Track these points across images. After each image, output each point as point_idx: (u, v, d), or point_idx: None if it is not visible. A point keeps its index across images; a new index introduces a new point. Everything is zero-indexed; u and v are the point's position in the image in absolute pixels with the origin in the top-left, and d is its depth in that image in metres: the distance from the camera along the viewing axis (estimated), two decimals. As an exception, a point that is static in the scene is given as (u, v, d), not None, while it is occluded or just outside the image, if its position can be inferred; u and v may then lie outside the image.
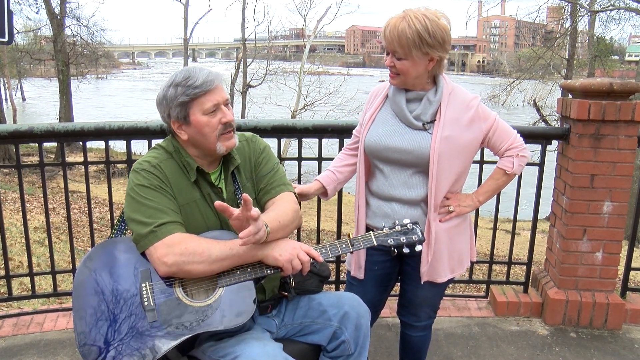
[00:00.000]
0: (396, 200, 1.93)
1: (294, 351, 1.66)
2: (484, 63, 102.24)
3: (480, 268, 6.52)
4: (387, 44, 1.80)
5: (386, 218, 1.93)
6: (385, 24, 1.80)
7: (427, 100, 1.86)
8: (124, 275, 1.57)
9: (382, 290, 2.11)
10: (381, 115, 1.95)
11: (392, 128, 1.90)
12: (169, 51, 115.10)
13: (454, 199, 1.93)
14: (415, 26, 1.72)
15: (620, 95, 2.72)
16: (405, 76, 1.82)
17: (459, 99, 1.87)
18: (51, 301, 3.73)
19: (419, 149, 1.84)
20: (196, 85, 1.58)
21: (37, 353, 2.61)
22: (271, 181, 1.77)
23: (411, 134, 1.87)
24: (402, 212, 1.92)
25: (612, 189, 2.80)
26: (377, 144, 1.90)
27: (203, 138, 1.63)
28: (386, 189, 1.93)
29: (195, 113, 1.61)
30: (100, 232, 7.86)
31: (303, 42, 24.65)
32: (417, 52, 1.76)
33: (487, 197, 2.03)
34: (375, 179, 1.97)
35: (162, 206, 1.58)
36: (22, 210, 2.79)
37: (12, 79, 27.55)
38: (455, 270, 2.02)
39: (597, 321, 2.93)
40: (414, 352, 2.22)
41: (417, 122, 1.86)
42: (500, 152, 1.95)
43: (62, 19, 18.51)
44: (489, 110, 1.91)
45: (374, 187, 1.98)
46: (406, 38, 1.73)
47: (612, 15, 14.82)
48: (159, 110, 1.67)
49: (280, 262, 1.56)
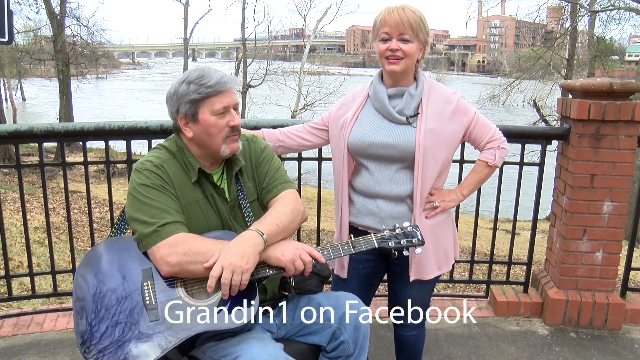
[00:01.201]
0: (382, 197, 1.94)
1: (294, 351, 1.66)
2: (484, 63, 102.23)
3: (480, 268, 6.52)
4: (393, 27, 1.83)
5: (371, 215, 1.96)
6: (385, 12, 1.85)
7: (409, 95, 1.90)
8: (125, 274, 1.57)
9: (366, 290, 2.12)
10: (363, 114, 1.98)
11: (376, 125, 1.92)
12: (169, 51, 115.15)
13: (438, 195, 1.97)
14: (417, 12, 1.83)
15: (620, 95, 2.72)
16: (410, 59, 1.86)
17: (439, 93, 1.93)
18: (51, 301, 3.73)
19: (404, 143, 1.87)
20: (209, 84, 1.59)
21: (37, 353, 2.61)
22: (272, 180, 1.78)
23: (396, 129, 1.90)
24: (388, 209, 1.94)
25: (612, 189, 2.81)
26: (362, 141, 1.92)
27: (209, 138, 1.64)
28: (371, 185, 1.95)
29: (205, 112, 1.62)
30: (100, 232, 7.86)
31: (303, 42, 24.66)
32: (422, 35, 1.85)
33: (470, 190, 2.06)
34: (360, 176, 1.99)
35: (165, 206, 1.59)
36: (22, 210, 2.80)
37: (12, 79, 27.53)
38: (442, 267, 2.04)
39: (597, 321, 2.94)
40: (409, 352, 2.22)
41: (400, 117, 1.89)
42: (482, 145, 2.00)
43: (62, 19, 18.52)
44: (468, 104, 1.96)
45: (358, 184, 1.99)
46: (415, 21, 1.81)
47: (612, 15, 14.82)
48: (167, 106, 1.68)
49: (283, 263, 1.57)
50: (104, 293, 1.55)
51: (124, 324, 1.51)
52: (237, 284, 1.49)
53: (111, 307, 1.53)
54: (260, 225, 1.59)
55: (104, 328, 1.51)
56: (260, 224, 1.60)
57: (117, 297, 1.54)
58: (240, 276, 1.49)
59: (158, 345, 1.49)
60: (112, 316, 1.52)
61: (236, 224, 1.73)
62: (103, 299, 1.54)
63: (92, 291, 1.55)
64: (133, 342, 1.50)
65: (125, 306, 1.53)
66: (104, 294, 1.55)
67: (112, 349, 1.49)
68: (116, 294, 1.55)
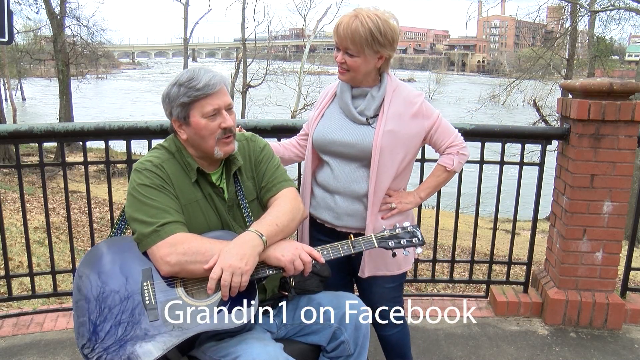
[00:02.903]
0: (340, 194, 1.98)
1: (294, 351, 1.66)
2: (484, 63, 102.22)
3: (480, 268, 6.52)
4: (339, 40, 1.85)
5: (328, 210, 2.00)
6: (338, 22, 1.86)
7: (371, 96, 1.93)
8: (125, 274, 1.58)
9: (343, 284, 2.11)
10: (329, 111, 2.03)
11: (339, 123, 1.97)
12: (169, 51, 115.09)
13: (395, 196, 1.99)
14: (367, 25, 1.79)
15: (620, 95, 2.72)
16: (355, 72, 1.88)
17: (402, 94, 1.94)
18: (51, 301, 3.73)
19: (362, 142, 1.91)
20: (198, 87, 1.58)
21: (37, 353, 2.61)
22: (272, 179, 1.78)
23: (355, 129, 1.93)
24: (344, 206, 1.97)
25: (612, 189, 2.81)
26: (324, 138, 1.97)
27: (201, 140, 1.64)
28: (331, 181, 1.98)
29: (195, 115, 1.62)
30: (100, 232, 7.86)
31: (303, 42, 24.66)
32: (369, 50, 1.83)
33: (428, 193, 2.08)
34: (322, 171, 2.03)
35: (164, 206, 1.59)
36: (22, 210, 2.80)
37: (12, 79, 27.53)
38: (401, 266, 2.05)
39: (597, 321, 2.94)
40: (395, 350, 2.22)
41: (360, 117, 1.93)
42: (441, 150, 2.02)
43: (62, 19, 18.51)
44: (432, 108, 1.98)
45: (320, 178, 2.04)
46: (359, 36, 1.80)
47: (612, 15, 14.83)
48: (163, 108, 1.69)
49: (283, 263, 1.57)
50: (106, 293, 1.55)
51: (127, 324, 1.51)
52: (237, 285, 1.49)
53: (114, 307, 1.53)
54: (259, 225, 1.59)
55: (107, 327, 1.51)
56: (259, 224, 1.60)
57: (119, 297, 1.54)
58: (240, 278, 1.49)
59: (159, 344, 1.49)
60: (115, 316, 1.52)
61: (235, 224, 1.73)
62: (106, 299, 1.54)
63: (94, 291, 1.55)
64: (135, 341, 1.50)
65: (127, 306, 1.53)
66: (106, 294, 1.55)
67: (115, 347, 1.50)
68: (119, 294, 1.55)
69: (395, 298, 2.14)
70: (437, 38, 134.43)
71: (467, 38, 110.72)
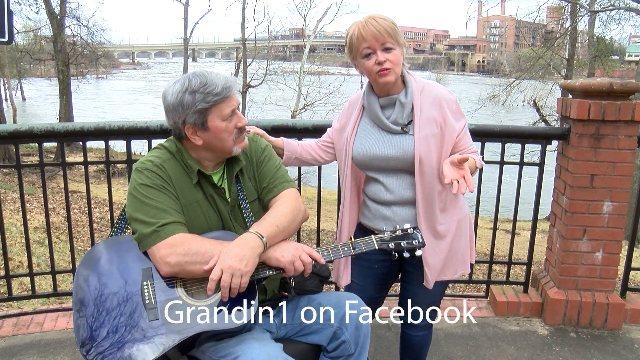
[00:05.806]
0: (395, 204, 1.95)
1: (294, 351, 1.66)
2: (484, 63, 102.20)
3: (480, 268, 6.52)
4: (372, 40, 1.79)
5: (386, 220, 1.95)
6: (359, 26, 1.81)
7: (399, 103, 1.88)
8: (125, 273, 1.58)
9: (381, 288, 2.13)
10: (362, 126, 1.98)
11: (375, 137, 1.93)
12: (169, 51, 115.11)
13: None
14: (389, 19, 1.82)
15: (620, 95, 2.72)
16: (398, 67, 1.84)
17: (432, 95, 1.90)
18: (51, 301, 3.74)
19: (403, 154, 1.87)
20: (216, 92, 1.59)
21: (37, 353, 2.62)
22: (273, 179, 1.78)
23: (393, 140, 1.90)
24: (402, 214, 1.94)
25: (612, 189, 2.81)
26: (364, 156, 1.93)
27: (220, 143, 1.65)
28: (384, 194, 1.95)
29: (214, 119, 1.62)
30: (100, 232, 7.87)
31: (303, 42, 24.64)
32: (401, 39, 1.83)
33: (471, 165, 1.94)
34: (371, 185, 2.00)
35: (165, 206, 1.59)
36: (22, 210, 2.80)
37: (12, 79, 27.51)
38: (457, 270, 2.04)
39: (597, 321, 2.94)
40: (414, 352, 2.22)
41: (395, 127, 1.89)
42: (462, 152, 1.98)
43: (62, 19, 18.51)
44: (462, 112, 1.96)
45: (370, 193, 2.00)
46: (389, 27, 1.80)
47: (612, 15, 14.83)
48: (169, 117, 1.64)
49: (283, 264, 1.57)
50: (105, 295, 1.55)
51: (125, 326, 1.51)
52: (237, 286, 1.49)
53: (112, 310, 1.53)
54: (259, 227, 1.59)
55: (104, 331, 1.51)
56: (259, 225, 1.60)
57: (118, 299, 1.54)
58: (240, 279, 1.49)
59: (158, 345, 1.49)
60: (113, 319, 1.52)
61: (236, 224, 1.73)
62: (104, 302, 1.54)
63: (93, 293, 1.55)
64: (133, 343, 1.50)
65: (126, 308, 1.53)
66: (105, 296, 1.55)
67: (112, 350, 1.50)
68: (117, 296, 1.55)
69: (438, 302, 2.14)
70: (437, 38, 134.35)
71: (467, 38, 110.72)
